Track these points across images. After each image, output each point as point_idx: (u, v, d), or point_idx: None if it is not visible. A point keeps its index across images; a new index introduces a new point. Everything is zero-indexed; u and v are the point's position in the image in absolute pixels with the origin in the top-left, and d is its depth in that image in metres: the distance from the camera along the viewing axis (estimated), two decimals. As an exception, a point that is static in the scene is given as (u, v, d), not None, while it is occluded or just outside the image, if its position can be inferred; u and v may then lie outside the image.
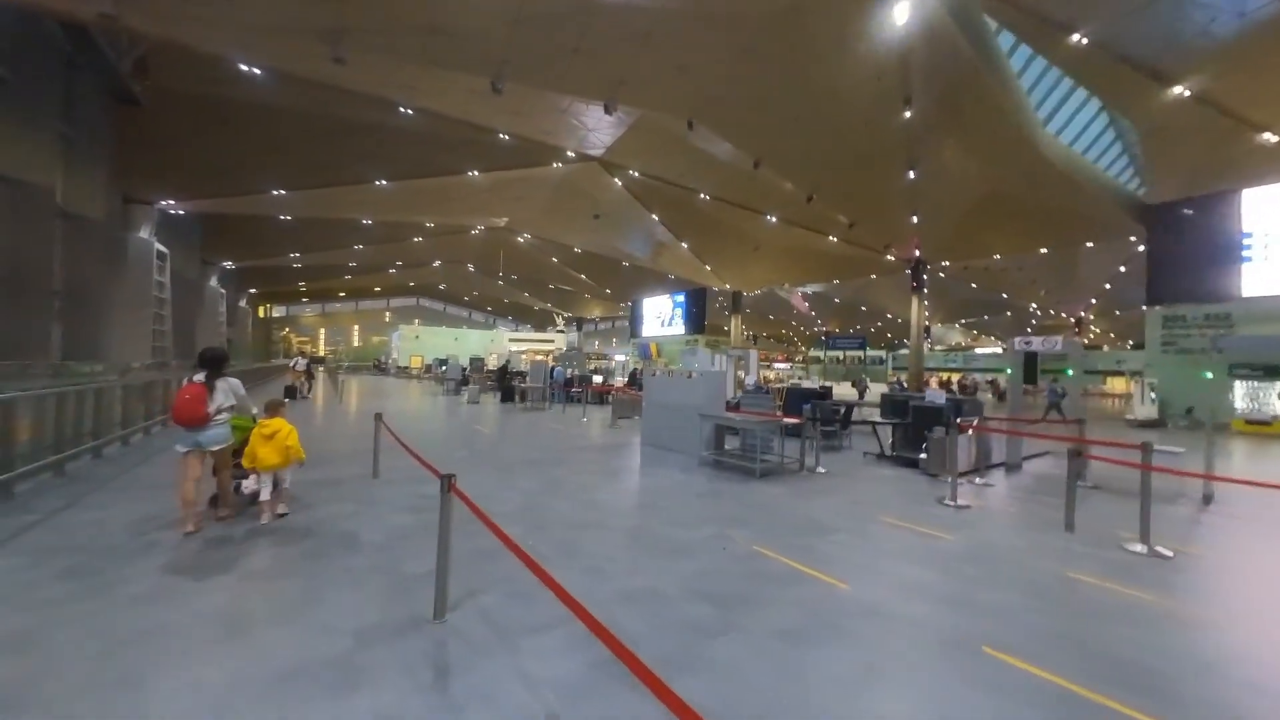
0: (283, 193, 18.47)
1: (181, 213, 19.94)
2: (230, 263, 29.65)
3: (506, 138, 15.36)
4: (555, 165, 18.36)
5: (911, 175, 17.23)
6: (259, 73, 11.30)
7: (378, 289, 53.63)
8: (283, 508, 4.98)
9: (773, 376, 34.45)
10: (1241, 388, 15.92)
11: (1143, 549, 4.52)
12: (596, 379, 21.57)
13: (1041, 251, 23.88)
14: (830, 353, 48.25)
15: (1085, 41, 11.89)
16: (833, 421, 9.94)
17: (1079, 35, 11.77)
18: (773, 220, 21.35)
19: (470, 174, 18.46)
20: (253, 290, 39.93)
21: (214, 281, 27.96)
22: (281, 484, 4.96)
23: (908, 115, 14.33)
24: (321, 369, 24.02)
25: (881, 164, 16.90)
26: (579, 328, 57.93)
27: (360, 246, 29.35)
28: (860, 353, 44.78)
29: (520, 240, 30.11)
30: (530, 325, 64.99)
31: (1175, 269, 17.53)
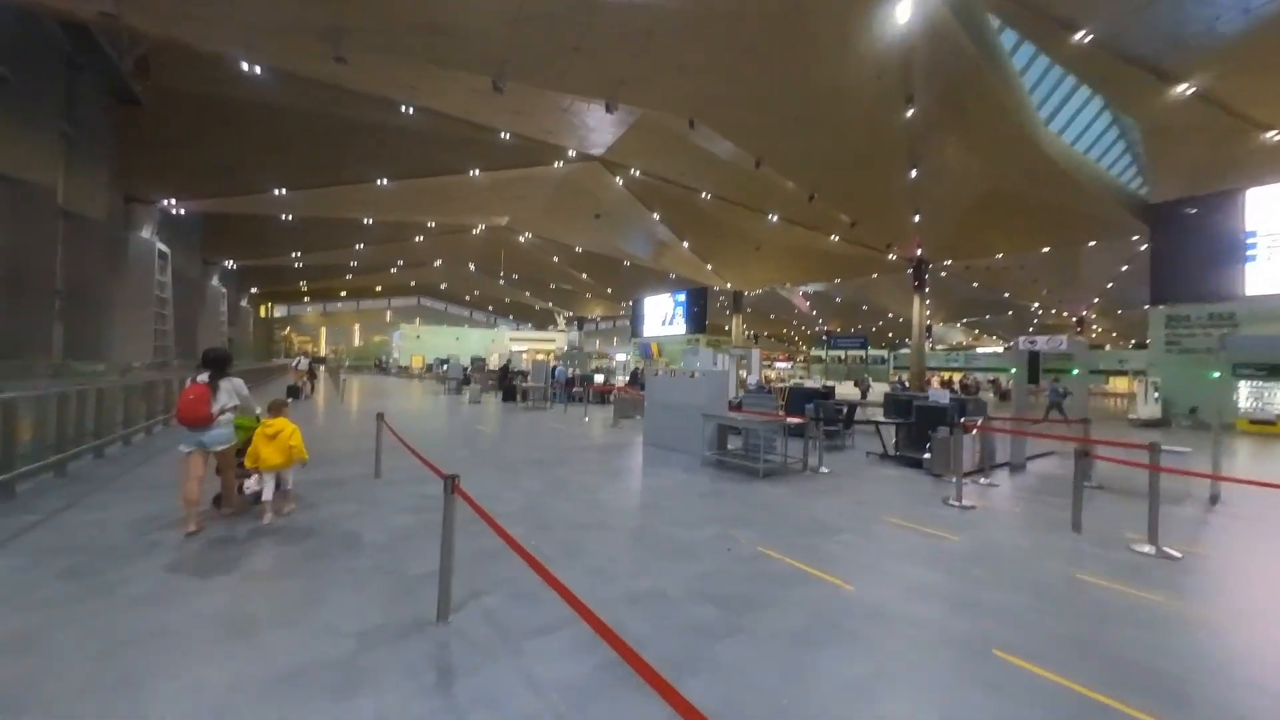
0: (284, 192, 18.46)
1: (183, 212, 19.94)
2: (232, 262, 29.67)
3: (507, 137, 15.33)
4: (556, 164, 18.33)
5: (913, 174, 17.17)
6: (260, 72, 11.27)
7: (379, 288, 53.64)
8: (291, 505, 5.02)
9: (773, 376, 34.46)
10: (1245, 387, 15.87)
11: (1151, 550, 4.49)
12: (598, 378, 21.54)
13: (1044, 250, 23.78)
14: (832, 352, 48.24)
15: (1088, 39, 11.82)
16: (835, 421, 9.90)
17: (1082, 33, 11.70)
18: (774, 219, 21.30)
19: (471, 173, 18.43)
20: (254, 290, 39.96)
21: (215, 281, 27.99)
22: (284, 484, 4.96)
23: (910, 114, 14.28)
24: (323, 368, 24.01)
25: (883, 163, 16.85)
26: (580, 327, 57.91)
27: (361, 246, 29.34)
28: (862, 352, 44.76)
29: (521, 240, 30.09)
30: (531, 325, 64.98)
31: (1179, 268, 17.48)
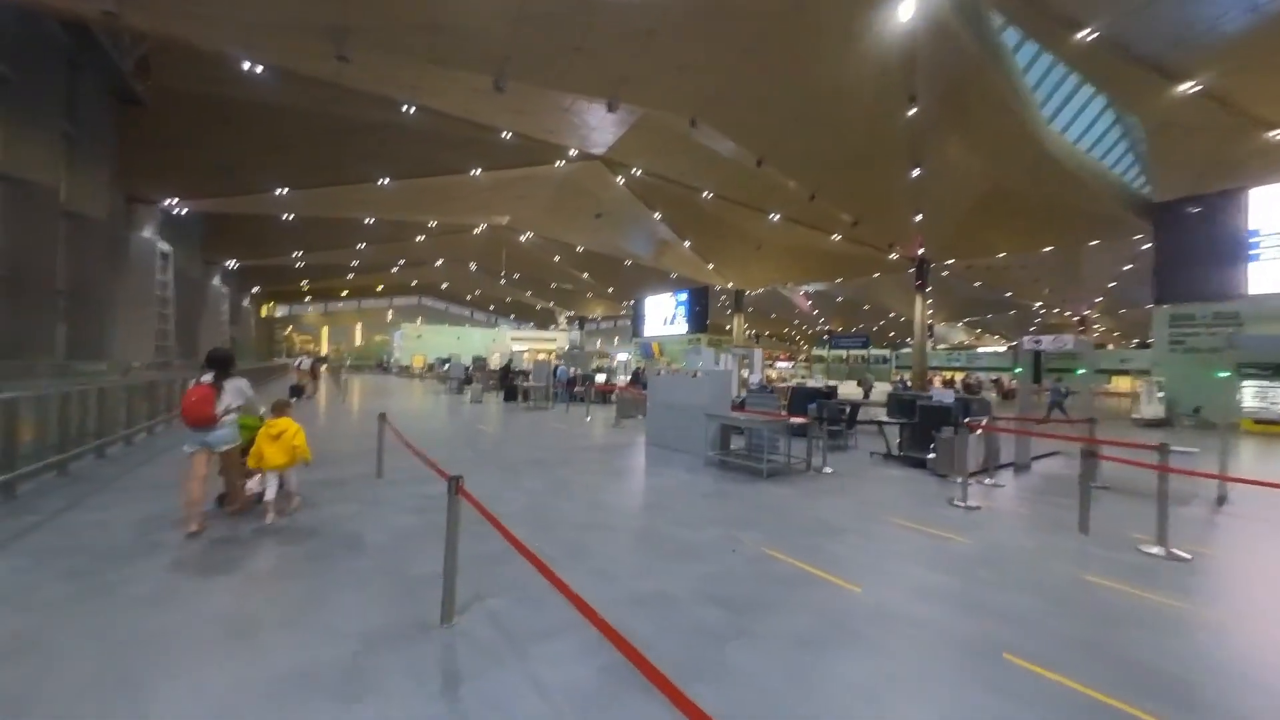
0: (285, 192, 18.47)
1: (184, 212, 19.95)
2: (233, 262, 29.69)
3: (509, 136, 15.31)
4: (558, 164, 18.32)
5: (915, 173, 17.13)
6: (261, 72, 11.26)
7: (380, 288, 53.70)
8: (295, 502, 5.04)
9: (775, 376, 34.41)
10: (1249, 387, 15.80)
11: (1160, 551, 4.45)
12: (600, 378, 21.51)
13: (1046, 250, 23.72)
14: (833, 351, 48.20)
15: (1091, 37, 11.77)
16: (839, 421, 9.87)
17: (1085, 31, 11.65)
18: (775, 219, 21.27)
19: (473, 173, 18.42)
20: (255, 289, 40.01)
21: (217, 281, 28.01)
22: (287, 484, 4.94)
23: (912, 112, 14.24)
24: (324, 368, 24.03)
25: (885, 162, 16.81)
26: (581, 326, 57.90)
27: (363, 246, 29.38)
28: (863, 351, 44.71)
29: (522, 239, 30.08)
30: (532, 324, 65.00)
31: (1182, 267, 17.41)
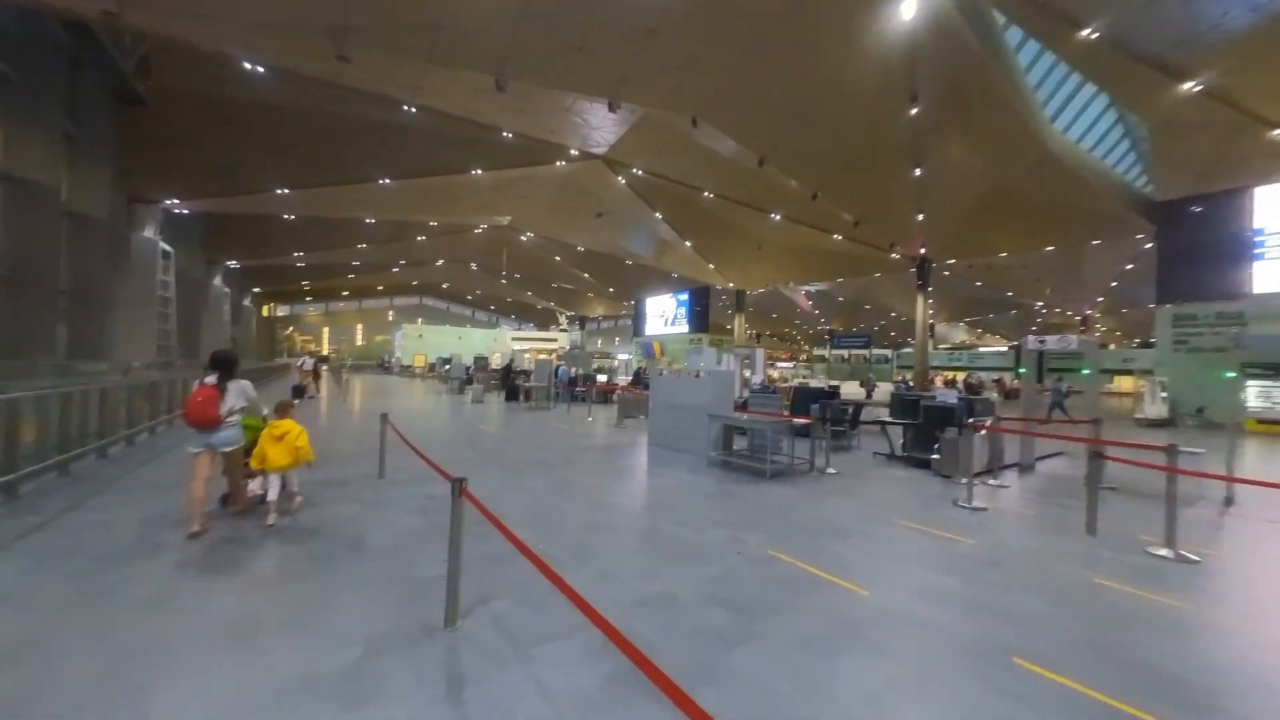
0: (286, 192, 18.45)
1: (185, 212, 19.94)
2: (234, 262, 29.69)
3: (510, 136, 15.27)
4: (559, 164, 18.27)
5: (917, 172, 17.08)
6: (262, 71, 11.24)
7: (381, 288, 53.70)
8: (299, 501, 5.06)
9: (776, 376, 34.35)
10: (1254, 386, 15.74)
11: (1169, 553, 4.42)
12: (601, 378, 21.48)
13: (1048, 249, 23.67)
14: (835, 351, 48.15)
15: (1094, 36, 11.72)
16: (842, 421, 9.84)
17: (1088, 29, 11.61)
18: (777, 218, 21.22)
19: (474, 172, 18.39)
20: (257, 289, 40.01)
21: (218, 280, 28.00)
22: (289, 485, 4.93)
23: (913, 112, 14.19)
24: (326, 368, 24.05)
25: (887, 161, 16.77)
26: (582, 326, 57.87)
27: (364, 245, 29.36)
28: (865, 351, 44.66)
29: (523, 239, 30.04)
30: (533, 324, 64.99)
31: (1185, 267, 17.35)
